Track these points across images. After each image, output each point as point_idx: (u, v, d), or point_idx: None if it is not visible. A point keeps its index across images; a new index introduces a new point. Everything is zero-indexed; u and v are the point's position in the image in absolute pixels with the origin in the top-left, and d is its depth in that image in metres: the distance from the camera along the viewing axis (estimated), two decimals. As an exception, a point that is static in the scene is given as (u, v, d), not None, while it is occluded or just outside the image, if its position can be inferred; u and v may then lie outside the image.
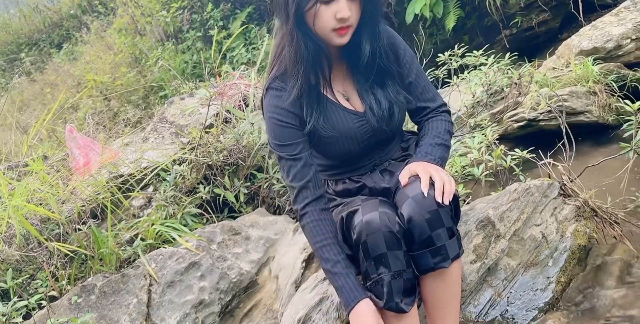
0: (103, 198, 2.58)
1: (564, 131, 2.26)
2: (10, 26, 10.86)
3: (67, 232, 2.44)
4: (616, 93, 2.90)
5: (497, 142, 2.65)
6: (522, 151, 2.39)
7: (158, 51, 6.52)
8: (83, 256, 2.32)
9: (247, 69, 3.86)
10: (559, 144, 2.27)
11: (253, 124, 2.92)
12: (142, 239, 2.38)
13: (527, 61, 3.77)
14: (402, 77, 1.59)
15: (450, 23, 4.82)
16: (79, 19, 9.97)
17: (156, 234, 2.41)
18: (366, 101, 1.55)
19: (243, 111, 3.13)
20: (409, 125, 2.42)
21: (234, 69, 4.49)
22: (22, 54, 10.04)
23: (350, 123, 1.53)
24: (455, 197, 1.46)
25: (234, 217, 2.69)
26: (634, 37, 3.24)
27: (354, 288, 1.38)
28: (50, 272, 2.23)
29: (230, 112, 3.13)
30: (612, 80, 2.92)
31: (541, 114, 2.85)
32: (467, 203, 2.11)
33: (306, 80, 1.46)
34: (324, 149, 1.57)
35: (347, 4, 1.37)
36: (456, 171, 2.41)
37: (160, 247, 2.34)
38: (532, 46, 4.78)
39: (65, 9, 10.34)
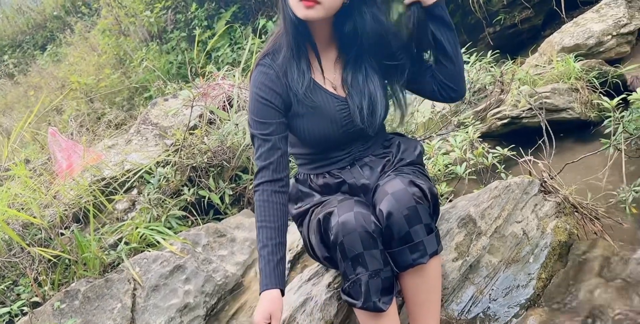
0: (86, 202, 2.56)
1: (544, 128, 2.28)
2: (-8, 28, 10.74)
3: (50, 237, 2.42)
4: (598, 89, 2.92)
5: (481, 140, 2.67)
6: (506, 148, 2.40)
7: (142, 52, 6.46)
8: (66, 261, 2.30)
9: (231, 69, 3.84)
10: (540, 142, 2.28)
11: (237, 125, 2.91)
12: (126, 243, 2.37)
13: (510, 59, 3.78)
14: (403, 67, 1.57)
15: (434, 21, 4.83)
16: (62, 20, 9.86)
17: (140, 237, 2.40)
18: (350, 92, 1.56)
19: (227, 111, 3.12)
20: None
21: (219, 69, 4.45)
22: (5, 56, 9.92)
23: (331, 105, 1.55)
24: (434, 195, 1.48)
25: (220, 219, 2.68)
26: (614, 33, 3.27)
27: (270, 275, 1.44)
28: (33, 278, 2.21)
29: (214, 114, 3.12)
30: (593, 76, 2.93)
31: (524, 111, 2.86)
32: (450, 201, 2.12)
33: (295, 48, 1.49)
34: (304, 130, 1.56)
35: None
36: (439, 170, 2.42)
37: (144, 251, 2.32)
38: (516, 43, 4.80)
39: (49, 10, 10.23)
